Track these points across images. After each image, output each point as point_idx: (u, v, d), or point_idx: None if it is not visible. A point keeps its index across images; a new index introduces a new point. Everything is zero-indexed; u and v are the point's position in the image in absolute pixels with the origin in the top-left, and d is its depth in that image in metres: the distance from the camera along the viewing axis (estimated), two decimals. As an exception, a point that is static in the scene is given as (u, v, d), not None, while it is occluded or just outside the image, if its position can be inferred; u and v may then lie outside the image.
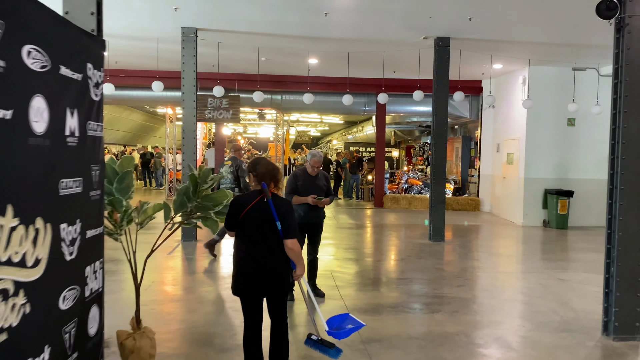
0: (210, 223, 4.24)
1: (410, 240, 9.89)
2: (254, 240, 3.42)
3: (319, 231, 5.88)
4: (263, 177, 3.48)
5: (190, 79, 9.30)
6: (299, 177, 5.71)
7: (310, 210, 5.63)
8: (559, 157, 12.41)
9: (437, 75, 9.61)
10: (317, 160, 5.64)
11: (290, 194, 5.66)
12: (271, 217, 3.41)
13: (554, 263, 8.08)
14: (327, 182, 5.82)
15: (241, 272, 3.46)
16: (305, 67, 12.87)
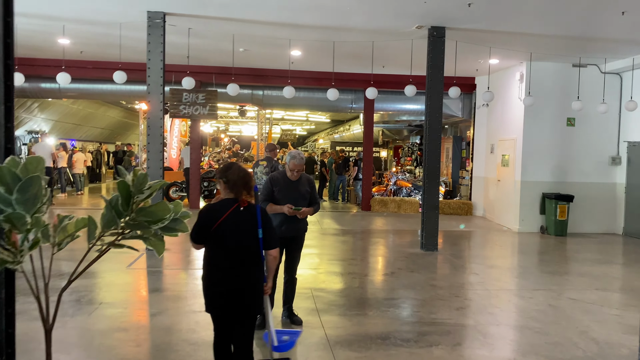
0: (154, 243, 3.30)
1: (400, 250, 9.01)
2: (230, 253, 3.18)
3: (299, 247, 4.97)
4: (235, 184, 3.22)
5: (157, 69, 8.32)
6: (276, 181, 4.80)
7: (288, 221, 4.73)
8: (557, 159, 11.64)
9: (431, 68, 8.75)
10: (297, 164, 4.74)
11: (265, 202, 4.74)
12: (250, 228, 3.23)
13: (561, 278, 7.26)
14: (311, 188, 4.92)
15: (217, 289, 3.18)
16: (289, 59, 11.93)
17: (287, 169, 4.79)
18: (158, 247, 3.32)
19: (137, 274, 7.02)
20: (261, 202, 4.74)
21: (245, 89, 14.24)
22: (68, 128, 25.35)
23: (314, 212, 4.90)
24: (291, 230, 4.79)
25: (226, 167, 3.33)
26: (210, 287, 3.22)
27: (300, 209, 4.63)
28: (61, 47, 11.26)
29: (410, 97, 14.53)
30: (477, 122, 14.08)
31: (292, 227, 4.77)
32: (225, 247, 3.18)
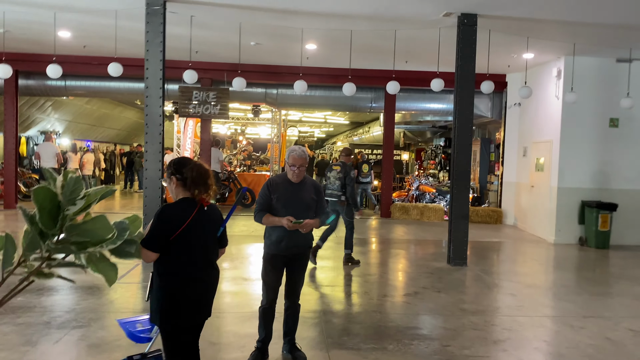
0: (102, 268, 2.49)
1: (424, 263, 8.07)
2: (196, 258, 2.89)
3: (302, 267, 4.10)
4: (194, 182, 2.86)
5: (155, 62, 7.56)
6: (275, 186, 3.95)
7: (288, 236, 3.87)
8: (598, 164, 10.54)
9: (460, 60, 7.80)
10: (298, 157, 3.87)
11: (261, 212, 3.90)
12: (214, 229, 3.00)
13: (613, 301, 6.23)
14: (318, 195, 4.04)
15: (186, 299, 2.86)
16: (303, 55, 11.09)
17: (287, 168, 3.93)
18: (107, 274, 2.50)
19: (127, 289, 6.21)
20: (256, 213, 3.90)
21: (259, 87, 13.47)
22: (83, 129, 24.97)
23: (321, 225, 4.03)
24: (293, 247, 3.93)
25: (180, 163, 2.93)
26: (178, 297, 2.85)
27: (302, 222, 3.76)
28: (62, 42, 10.64)
29: (434, 96, 13.72)
30: (508, 123, 13.02)
31: (293, 243, 3.91)
32: (190, 252, 2.86)
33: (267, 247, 3.98)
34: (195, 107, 12.46)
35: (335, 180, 7.57)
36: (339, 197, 7.51)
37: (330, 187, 7.63)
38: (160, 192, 7.60)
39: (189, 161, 2.95)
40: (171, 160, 2.98)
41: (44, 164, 13.03)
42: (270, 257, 3.96)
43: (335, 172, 7.59)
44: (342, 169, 7.54)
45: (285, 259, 3.97)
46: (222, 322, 5.03)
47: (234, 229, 10.70)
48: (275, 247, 3.92)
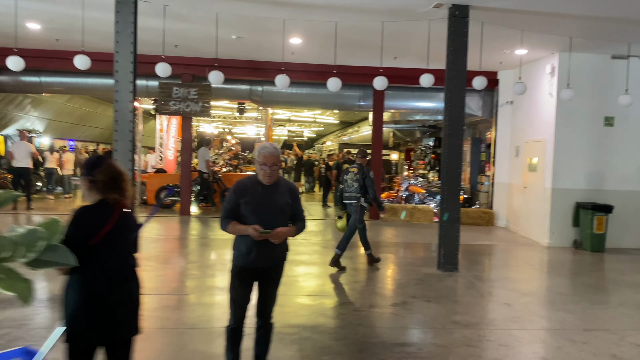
0: (12, 284, 2.03)
1: (413, 269, 7.63)
2: (113, 267, 2.63)
3: (275, 281, 3.62)
4: (106, 186, 2.62)
5: (126, 54, 7.04)
6: (243, 190, 3.45)
7: (259, 246, 3.39)
8: (593, 164, 10.18)
9: (452, 54, 7.38)
10: (270, 155, 3.38)
11: (226, 219, 3.43)
12: (132, 236, 2.78)
13: (615, 311, 5.83)
14: (294, 199, 3.55)
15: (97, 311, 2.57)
16: (288, 50, 10.62)
17: (257, 168, 3.46)
18: (20, 291, 2.02)
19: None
20: (222, 220, 3.43)
21: (243, 84, 12.97)
22: (64, 127, 24.27)
23: (298, 233, 3.56)
24: (264, 258, 3.45)
25: (92, 163, 2.66)
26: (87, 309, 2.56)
27: (270, 232, 3.29)
28: (33, 35, 10.08)
29: (424, 94, 13.32)
30: (499, 122, 12.64)
31: (265, 254, 3.43)
32: (105, 261, 2.58)
33: (236, 259, 3.51)
34: (176, 104, 11.94)
35: (352, 182, 7.40)
36: (358, 199, 7.36)
37: (348, 189, 7.47)
38: (132, 194, 7.07)
39: (102, 161, 2.67)
40: (85, 160, 2.67)
41: (17, 163, 12.42)
42: (239, 270, 3.49)
43: (352, 174, 7.44)
44: (359, 171, 7.39)
45: (255, 273, 3.50)
46: (187, 339, 4.55)
47: (217, 232, 10.19)
48: (244, 258, 3.45)
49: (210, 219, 12.10)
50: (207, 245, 9.19)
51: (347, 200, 7.49)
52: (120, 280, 2.67)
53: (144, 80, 12.66)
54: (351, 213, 7.52)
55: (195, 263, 7.58)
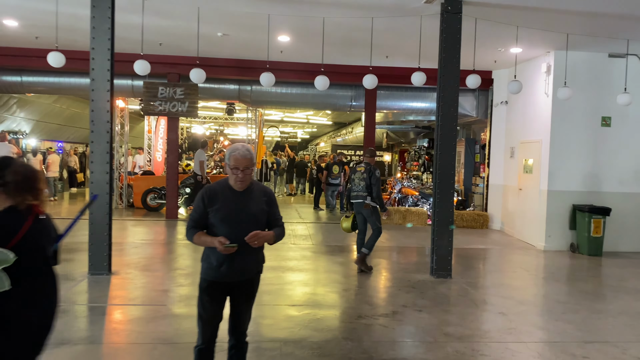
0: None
1: (405, 276, 7.32)
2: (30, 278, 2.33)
3: (250, 296, 3.29)
4: (18, 188, 2.31)
5: (103, 51, 6.69)
6: (212, 196, 3.11)
7: (230, 258, 3.06)
8: (590, 165, 9.92)
9: (444, 52, 7.08)
10: (242, 158, 3.05)
11: (192, 230, 3.12)
12: (48, 244, 2.45)
13: (615, 320, 5.54)
14: (270, 205, 3.22)
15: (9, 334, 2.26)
16: (277, 48, 10.31)
17: (228, 172, 3.13)
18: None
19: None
20: (188, 230, 3.11)
21: (232, 83, 12.64)
22: (52, 129, 23.82)
23: (276, 240, 3.22)
24: (237, 271, 3.13)
25: (1, 164, 2.36)
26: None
27: (235, 246, 2.94)
28: (11, 32, 9.72)
29: (417, 94, 13.03)
30: (494, 122, 12.36)
31: (238, 267, 3.11)
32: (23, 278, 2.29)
33: (205, 272, 3.17)
34: (162, 104, 11.59)
35: (359, 181, 7.34)
36: (364, 197, 7.27)
37: (355, 188, 7.41)
38: (109, 198, 6.74)
39: (11, 162, 2.40)
40: None
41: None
42: (208, 285, 3.15)
43: (359, 173, 7.40)
44: (366, 170, 7.32)
45: (227, 287, 3.17)
46: (158, 356, 4.21)
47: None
48: (214, 272, 3.12)
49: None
50: (193, 250, 8.78)
51: (355, 199, 7.41)
52: (37, 293, 2.38)
53: (129, 80, 12.33)
54: (358, 213, 7.42)
55: (179, 270, 7.24)
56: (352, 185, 7.50)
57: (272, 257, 8.26)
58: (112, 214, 6.92)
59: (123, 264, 7.36)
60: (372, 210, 7.31)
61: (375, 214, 7.33)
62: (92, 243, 6.69)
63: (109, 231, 6.76)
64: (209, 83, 12.47)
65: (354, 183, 7.47)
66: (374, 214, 7.32)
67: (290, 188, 20.96)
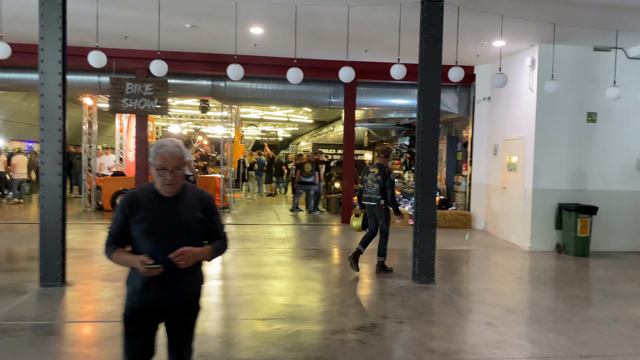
0: None
1: (386, 281, 6.87)
2: None
3: (189, 325, 2.74)
4: None
5: (53, 41, 6.09)
6: (135, 203, 2.58)
7: (159, 279, 2.50)
8: (576, 163, 9.60)
9: (425, 43, 6.63)
10: (170, 156, 2.52)
11: (112, 245, 2.58)
12: None
13: (610, 330, 5.14)
14: (207, 213, 2.68)
15: None
16: (250, 41, 9.78)
17: (154, 173, 2.59)
18: None
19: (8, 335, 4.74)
20: (106, 246, 2.58)
21: (204, 79, 12.06)
22: (22, 128, 22.90)
23: (216, 255, 2.68)
24: (169, 295, 2.59)
25: None
26: None
27: (159, 267, 2.43)
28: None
29: (398, 90, 12.60)
30: (476, 119, 12.00)
31: (170, 289, 2.58)
32: None
33: (129, 298, 2.63)
34: (129, 101, 10.97)
35: (373, 183, 7.17)
36: (378, 201, 7.13)
37: (368, 190, 7.25)
38: (62, 203, 6.14)
39: None
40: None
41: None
42: (134, 313, 2.60)
43: (372, 174, 7.22)
44: (380, 172, 7.16)
45: (158, 316, 2.63)
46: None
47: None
48: (140, 297, 2.57)
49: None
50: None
51: (367, 201, 7.27)
52: None
53: (95, 76, 11.69)
54: (372, 215, 7.24)
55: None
56: (365, 186, 7.32)
57: (244, 263, 7.76)
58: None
59: (81, 274, 6.77)
60: (385, 211, 7.17)
61: (387, 216, 7.20)
62: (43, 252, 6.09)
63: (63, 238, 6.17)
64: (180, 79, 11.91)
65: (366, 184, 7.28)
66: (386, 216, 7.19)
67: (270, 188, 20.42)
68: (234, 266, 7.69)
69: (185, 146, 12.90)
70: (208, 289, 6.22)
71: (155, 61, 7.43)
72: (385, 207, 7.18)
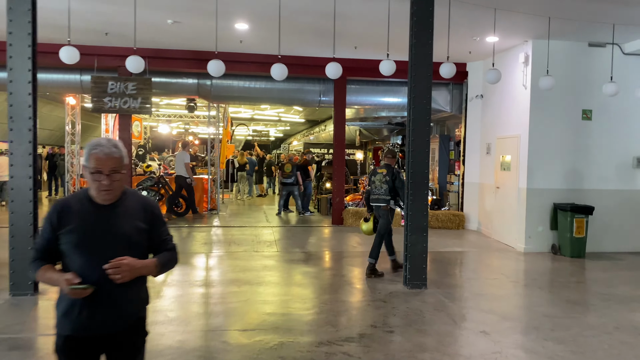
0: None
1: (376, 286, 6.59)
2: None
3: (133, 352, 2.38)
4: None
5: (22, 35, 5.75)
6: (65, 213, 2.25)
7: (90, 301, 2.18)
8: (571, 161, 9.36)
9: (415, 38, 6.35)
10: (106, 157, 2.20)
11: (38, 262, 2.25)
12: None
13: (612, 339, 4.88)
14: (153, 223, 2.37)
15: None
16: (236, 37, 9.47)
17: (87, 177, 2.25)
18: None
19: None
20: (32, 263, 2.26)
21: (190, 77, 11.73)
22: (5, 129, 22.37)
23: (162, 271, 2.35)
24: (105, 319, 2.24)
25: None
26: None
27: (88, 288, 2.11)
28: None
29: (389, 88, 12.30)
30: (469, 117, 11.75)
31: (105, 312, 2.23)
32: None
33: (59, 325, 2.29)
34: (112, 100, 10.61)
35: (381, 184, 7.04)
36: (387, 201, 7.06)
37: (376, 191, 7.12)
38: (32, 207, 5.80)
39: None
40: None
41: None
42: (65, 341, 2.26)
43: (380, 175, 7.08)
44: (388, 172, 7.06)
45: (95, 344, 2.27)
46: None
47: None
48: (71, 323, 2.23)
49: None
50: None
51: (375, 202, 7.15)
52: None
53: (77, 75, 11.33)
54: (379, 216, 7.13)
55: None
56: (373, 187, 7.18)
57: (229, 268, 7.45)
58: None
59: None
60: (389, 212, 7.11)
61: (391, 216, 7.15)
62: (13, 259, 5.76)
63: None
64: (165, 77, 11.58)
65: (374, 185, 7.15)
66: (390, 216, 7.13)
67: (261, 189, 20.10)
68: (217, 271, 7.38)
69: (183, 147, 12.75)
70: (188, 297, 5.92)
71: (131, 57, 7.10)
72: (390, 208, 7.09)
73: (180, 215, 12.27)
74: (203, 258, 8.20)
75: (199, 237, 9.99)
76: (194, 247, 9.03)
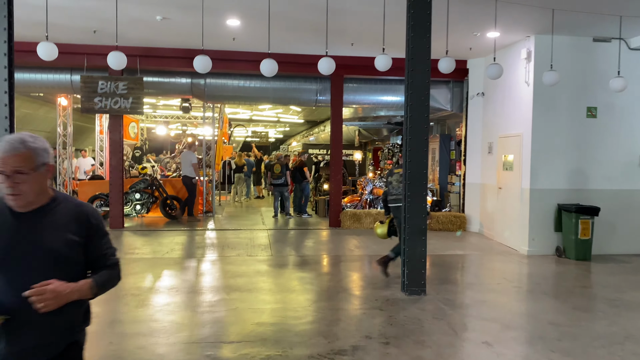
0: None
1: (373, 293, 6.27)
2: None
3: None
4: None
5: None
6: None
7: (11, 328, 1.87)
8: (576, 161, 9.04)
9: (412, 31, 6.04)
10: (6, 155, 1.85)
11: None
12: None
13: (624, 350, 4.56)
14: (90, 234, 2.05)
15: None
16: (229, 34, 9.18)
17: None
18: None
19: None
20: None
21: (183, 77, 11.43)
22: (1, 131, 22.14)
23: (101, 291, 2.05)
24: (28, 350, 1.91)
25: None
26: None
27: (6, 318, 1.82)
28: None
29: (387, 87, 11.97)
30: (470, 116, 11.42)
31: (26, 340, 1.91)
32: None
33: None
34: (102, 100, 10.32)
35: (398, 184, 6.81)
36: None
37: (394, 192, 6.91)
38: (9, 211, 5.50)
39: None
40: None
41: None
42: None
43: (397, 175, 6.88)
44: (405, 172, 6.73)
45: None
46: None
47: (146, 249, 8.65)
48: None
49: (159, 232, 10.54)
50: (149, 265, 7.51)
51: (394, 203, 6.89)
52: None
53: (67, 74, 11.06)
54: (397, 218, 6.83)
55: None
56: (390, 188, 7.00)
57: (220, 273, 7.15)
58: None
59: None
60: None
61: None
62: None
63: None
64: (157, 76, 11.30)
65: (391, 186, 6.96)
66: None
67: (258, 190, 19.81)
68: (208, 277, 7.07)
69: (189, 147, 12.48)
70: (174, 305, 5.61)
71: (112, 53, 6.78)
72: None
73: (174, 218, 11.98)
74: (194, 263, 7.90)
75: (192, 241, 9.69)
76: (185, 251, 8.73)
